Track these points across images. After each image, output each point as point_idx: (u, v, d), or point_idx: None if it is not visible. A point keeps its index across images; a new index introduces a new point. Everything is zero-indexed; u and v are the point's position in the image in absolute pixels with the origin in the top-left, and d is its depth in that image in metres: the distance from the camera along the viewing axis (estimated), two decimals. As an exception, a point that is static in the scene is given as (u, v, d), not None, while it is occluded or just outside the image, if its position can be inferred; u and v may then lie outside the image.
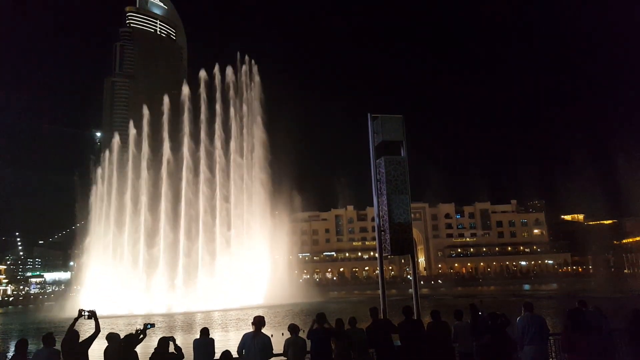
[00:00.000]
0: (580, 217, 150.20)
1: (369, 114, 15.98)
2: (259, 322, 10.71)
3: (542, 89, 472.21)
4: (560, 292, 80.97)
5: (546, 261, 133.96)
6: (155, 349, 9.96)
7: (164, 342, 9.97)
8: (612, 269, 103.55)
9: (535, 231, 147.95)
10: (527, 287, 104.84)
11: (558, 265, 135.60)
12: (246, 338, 10.57)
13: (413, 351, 10.98)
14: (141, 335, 10.17)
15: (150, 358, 9.92)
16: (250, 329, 10.72)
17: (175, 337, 10.23)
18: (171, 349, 10.00)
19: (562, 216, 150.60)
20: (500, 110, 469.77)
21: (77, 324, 9.91)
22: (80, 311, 9.94)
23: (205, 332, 11.11)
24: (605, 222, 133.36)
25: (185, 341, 11.74)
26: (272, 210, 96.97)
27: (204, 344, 10.83)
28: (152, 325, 10.55)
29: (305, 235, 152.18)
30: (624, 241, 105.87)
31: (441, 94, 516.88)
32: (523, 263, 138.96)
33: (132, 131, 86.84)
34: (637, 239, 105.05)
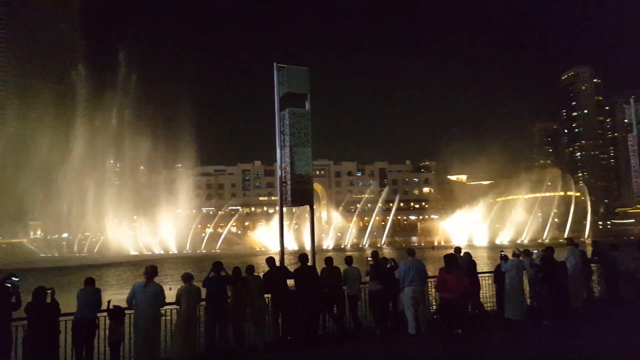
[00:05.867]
0: (464, 177, 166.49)
1: (274, 64, 15.59)
2: (151, 271, 10.39)
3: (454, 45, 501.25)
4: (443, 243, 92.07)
5: (432, 216, 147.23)
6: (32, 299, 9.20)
7: (42, 292, 9.24)
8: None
9: (425, 189, 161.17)
10: (414, 239, 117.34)
11: (442, 220, 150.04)
12: (136, 288, 10.18)
13: (306, 294, 11.59)
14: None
15: (25, 309, 9.11)
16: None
17: (54, 290, 9.53)
18: (48, 300, 9.34)
19: (448, 176, 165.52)
20: (407, 74, 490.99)
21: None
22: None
23: (89, 281, 10.46)
24: (484, 182, 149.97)
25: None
26: (174, 164, 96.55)
27: (89, 293, 10.22)
28: (17, 277, 9.45)
29: (211, 189, 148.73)
30: (498, 199, 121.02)
31: (354, 50, 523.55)
32: (413, 218, 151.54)
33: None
34: (507, 197, 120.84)
